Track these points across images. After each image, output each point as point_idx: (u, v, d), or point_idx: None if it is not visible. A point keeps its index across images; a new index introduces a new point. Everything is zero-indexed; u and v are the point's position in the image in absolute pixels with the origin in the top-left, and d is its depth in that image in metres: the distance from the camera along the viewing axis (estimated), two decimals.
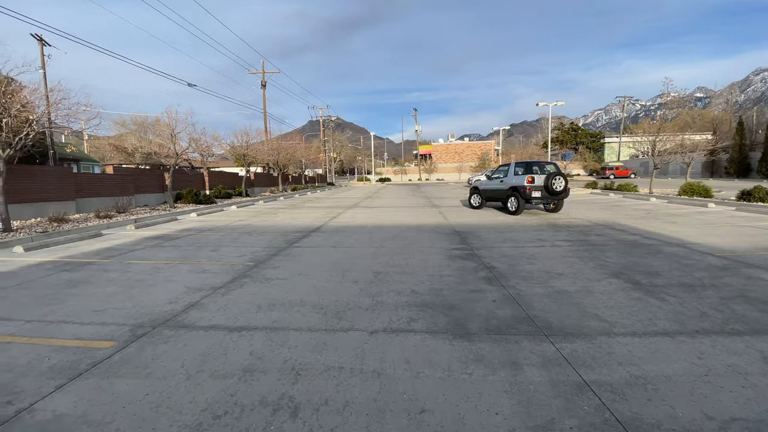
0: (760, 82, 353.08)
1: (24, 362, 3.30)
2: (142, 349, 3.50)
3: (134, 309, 4.54)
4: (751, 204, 12.76)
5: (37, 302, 4.84)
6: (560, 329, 3.75)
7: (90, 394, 2.81)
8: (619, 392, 2.69)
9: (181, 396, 2.76)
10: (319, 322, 4.07)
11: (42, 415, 2.57)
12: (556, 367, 3.05)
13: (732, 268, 5.72)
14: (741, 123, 38.31)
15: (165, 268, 6.46)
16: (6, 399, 2.75)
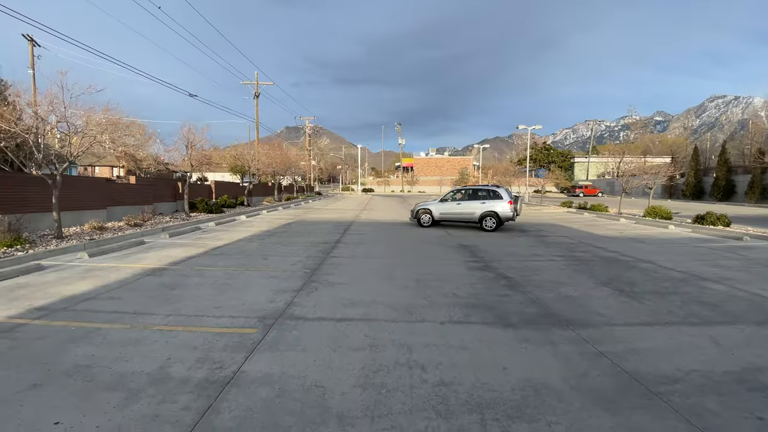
0: (714, 109, 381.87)
1: (200, 343, 4.50)
2: (281, 334, 4.76)
3: (245, 306, 5.76)
4: (703, 227, 15.06)
5: (155, 301, 5.95)
6: (575, 322, 5.30)
7: (274, 361, 4.07)
8: (622, 357, 4.23)
9: (340, 360, 4.09)
10: (397, 315, 5.44)
11: (253, 374, 3.82)
12: (579, 344, 4.57)
13: (689, 280, 7.52)
14: (696, 150, 42.45)
15: (237, 275, 7.64)
16: (215, 366, 3.98)
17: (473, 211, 14.95)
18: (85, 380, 3.61)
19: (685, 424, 3.07)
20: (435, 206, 15.68)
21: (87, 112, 9.42)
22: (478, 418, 3.11)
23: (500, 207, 14.64)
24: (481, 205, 14.88)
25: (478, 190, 15.57)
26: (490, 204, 14.78)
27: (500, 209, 14.61)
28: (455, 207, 15.38)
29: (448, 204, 15.56)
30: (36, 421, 2.99)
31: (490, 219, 14.68)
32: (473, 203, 15.07)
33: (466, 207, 15.13)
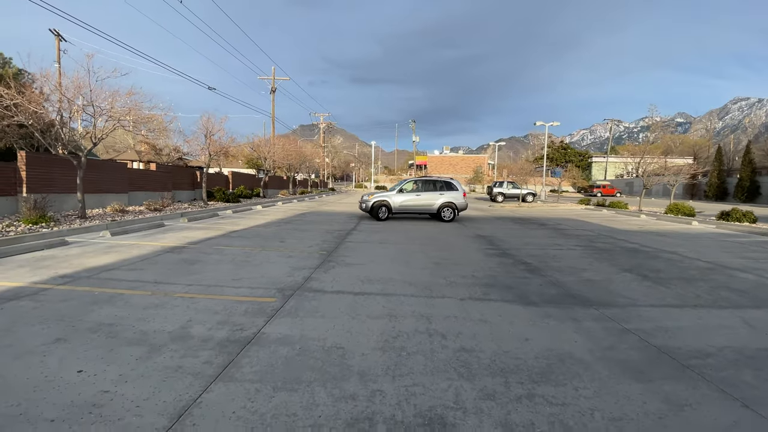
0: (737, 111, 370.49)
1: (221, 309, 4.52)
2: (300, 303, 4.76)
3: (264, 279, 5.78)
4: (729, 223, 14.57)
5: (176, 273, 6.02)
6: (598, 302, 5.16)
7: (293, 325, 4.07)
8: (649, 334, 4.09)
9: (359, 326, 4.05)
10: (416, 291, 5.39)
11: (274, 335, 3.81)
12: (603, 321, 4.45)
13: (716, 269, 7.27)
14: (719, 150, 41.15)
15: (255, 254, 7.68)
16: (236, 328, 3.98)
17: (432, 202, 14.86)
18: (108, 336, 3.66)
19: (719, 393, 2.95)
20: (393, 198, 14.82)
21: (112, 94, 9.62)
22: (502, 381, 3.04)
23: (457, 198, 14.88)
24: (439, 195, 14.87)
25: (435, 181, 15.56)
26: (448, 195, 14.87)
27: (457, 200, 14.87)
28: (414, 198, 14.96)
29: (407, 195, 15.01)
30: (60, 369, 3.03)
31: (448, 210, 14.76)
32: (432, 194, 14.98)
33: (426, 198, 14.94)
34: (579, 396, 2.86)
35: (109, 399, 2.65)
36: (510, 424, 2.50)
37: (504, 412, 2.63)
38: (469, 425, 2.49)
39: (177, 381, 2.91)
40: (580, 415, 2.63)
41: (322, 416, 2.53)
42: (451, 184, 15.25)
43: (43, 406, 2.56)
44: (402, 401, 2.74)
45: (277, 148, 26.08)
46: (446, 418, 2.55)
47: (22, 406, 2.55)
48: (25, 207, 8.87)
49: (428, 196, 14.97)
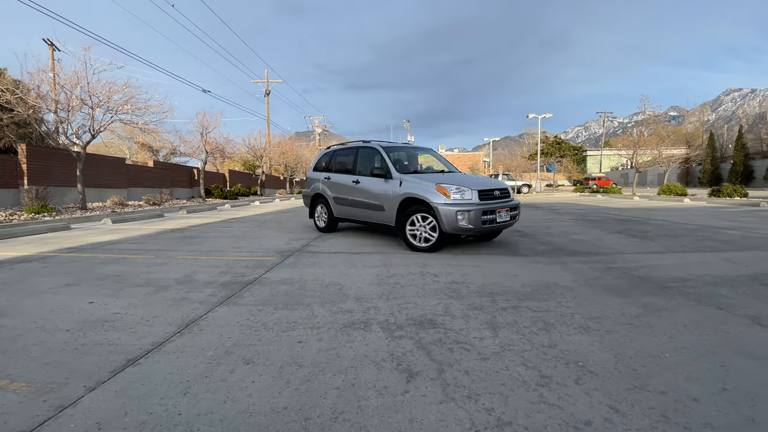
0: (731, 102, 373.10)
1: (222, 264, 4.70)
2: (299, 259, 4.94)
3: (263, 247, 5.95)
4: (720, 198, 14.83)
5: (178, 244, 6.19)
6: (586, 252, 5.35)
7: (293, 273, 4.24)
8: (633, 269, 4.28)
9: (356, 272, 4.23)
10: (410, 251, 5.56)
11: (274, 279, 3.99)
12: (590, 264, 4.63)
13: (704, 229, 7.47)
14: (712, 136, 41.57)
15: (254, 231, 7.86)
16: (238, 276, 4.16)
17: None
18: (116, 282, 3.83)
19: (695, 302, 3.13)
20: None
21: (108, 83, 9.82)
22: (489, 300, 3.22)
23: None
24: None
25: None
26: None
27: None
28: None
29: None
30: (71, 301, 3.20)
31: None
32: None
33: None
34: (561, 306, 3.05)
35: (120, 317, 2.82)
36: (494, 323, 2.68)
37: (489, 317, 2.81)
38: (457, 324, 2.67)
39: (184, 306, 3.09)
40: (561, 316, 2.81)
41: (321, 323, 2.71)
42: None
43: (58, 322, 2.74)
44: (395, 312, 2.92)
45: (274, 148, 26.30)
46: (435, 321, 2.73)
47: (37, 323, 2.72)
48: (27, 197, 9.04)
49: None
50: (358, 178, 6.59)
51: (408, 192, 5.60)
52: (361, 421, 1.59)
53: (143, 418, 1.62)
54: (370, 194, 6.28)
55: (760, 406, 1.68)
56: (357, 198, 6.55)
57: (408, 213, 5.55)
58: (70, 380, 1.94)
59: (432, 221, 5.36)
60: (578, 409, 1.67)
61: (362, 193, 6.44)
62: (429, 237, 5.39)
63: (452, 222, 5.11)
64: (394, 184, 5.88)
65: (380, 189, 6.09)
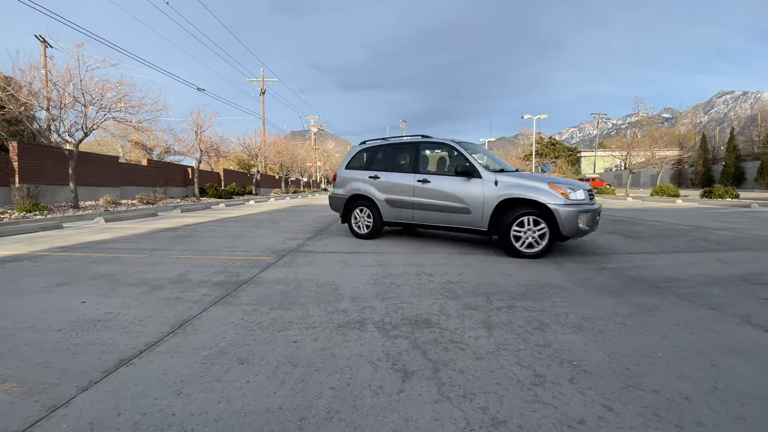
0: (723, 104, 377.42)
1: (217, 264, 4.67)
2: (294, 259, 4.92)
3: (258, 247, 5.93)
4: (711, 199, 15.00)
5: (172, 243, 6.14)
6: (580, 252, 5.39)
7: (288, 272, 4.23)
8: (626, 269, 4.32)
9: (351, 271, 4.23)
10: (406, 251, 5.57)
11: (269, 278, 3.98)
12: (583, 263, 4.67)
13: (697, 230, 7.56)
14: (704, 138, 42.08)
15: (250, 231, 7.83)
16: (232, 275, 4.14)
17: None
18: (108, 281, 3.79)
19: (687, 301, 3.16)
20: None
21: (102, 80, 9.73)
22: (484, 299, 3.24)
23: None
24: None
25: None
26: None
27: None
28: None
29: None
30: (63, 301, 3.17)
31: None
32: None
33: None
34: (555, 305, 3.07)
35: (113, 317, 2.80)
36: (489, 323, 2.70)
37: (484, 316, 2.82)
38: (452, 323, 2.68)
39: (178, 305, 3.07)
40: (555, 316, 2.83)
41: (316, 322, 2.71)
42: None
43: (49, 322, 2.71)
44: (390, 312, 2.92)
45: (269, 147, 26.21)
46: (431, 320, 2.74)
47: (28, 323, 2.69)
48: (18, 196, 8.93)
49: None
50: (426, 177, 5.96)
51: (510, 193, 5.12)
52: (357, 421, 1.59)
53: (136, 419, 1.61)
54: (447, 195, 5.69)
55: (750, 405, 1.70)
56: (425, 200, 5.91)
57: (510, 215, 5.05)
58: (62, 380, 1.92)
59: (543, 224, 4.92)
60: (572, 407, 1.68)
61: (435, 194, 5.82)
62: (536, 242, 4.97)
63: (573, 224, 4.78)
64: (486, 184, 5.36)
65: (463, 189, 5.54)
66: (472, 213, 5.45)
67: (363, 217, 6.64)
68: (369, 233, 6.56)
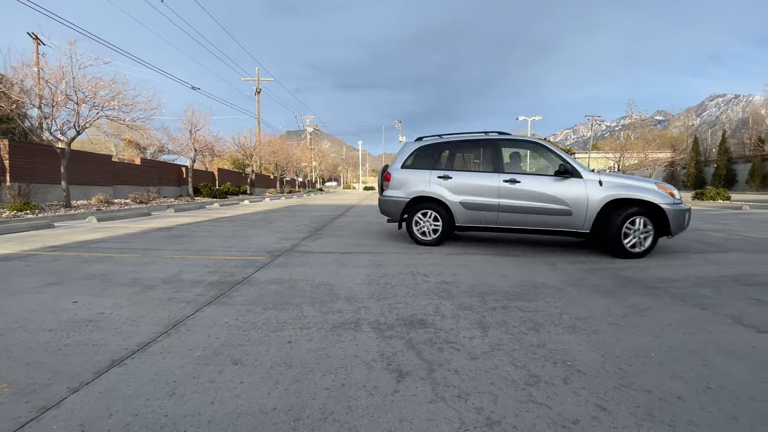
0: (714, 107, 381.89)
1: (211, 264, 4.64)
2: (288, 259, 4.90)
3: (253, 247, 5.90)
4: (703, 201, 15.16)
5: (165, 243, 6.10)
6: (574, 253, 5.42)
7: (283, 272, 4.21)
8: (619, 270, 4.35)
9: (347, 271, 4.22)
10: (402, 251, 5.57)
11: (264, 278, 3.95)
12: (577, 264, 4.69)
13: (689, 231, 7.63)
14: (696, 141, 42.55)
15: (244, 231, 7.79)
16: (226, 275, 4.11)
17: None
18: (100, 281, 3.75)
19: (680, 302, 3.19)
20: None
21: (95, 78, 9.63)
22: (479, 300, 3.24)
23: None
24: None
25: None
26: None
27: None
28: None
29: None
30: (54, 301, 3.13)
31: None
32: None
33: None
34: (549, 306, 3.08)
35: (105, 317, 2.77)
36: (484, 323, 2.70)
37: (479, 317, 2.83)
38: (447, 323, 2.68)
39: (171, 305, 3.04)
40: (549, 316, 2.84)
41: (311, 323, 2.70)
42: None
43: (40, 322, 2.67)
44: (385, 312, 2.92)
45: (264, 147, 26.11)
46: (426, 321, 2.74)
47: (19, 323, 2.66)
48: (9, 194, 8.82)
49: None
50: (514, 177, 5.57)
51: (618, 193, 5.08)
52: (351, 422, 1.59)
53: (128, 420, 1.59)
54: (543, 197, 5.38)
55: (742, 405, 1.71)
56: (514, 201, 5.51)
57: (618, 216, 4.99)
58: (53, 381, 1.89)
59: (649, 225, 4.97)
60: (566, 407, 1.69)
61: (527, 195, 5.47)
62: (641, 242, 5.00)
63: (680, 223, 4.90)
64: (589, 185, 5.21)
65: (562, 190, 5.31)
66: (573, 215, 5.25)
67: (428, 221, 5.99)
68: (436, 239, 5.94)
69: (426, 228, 6.00)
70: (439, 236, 5.92)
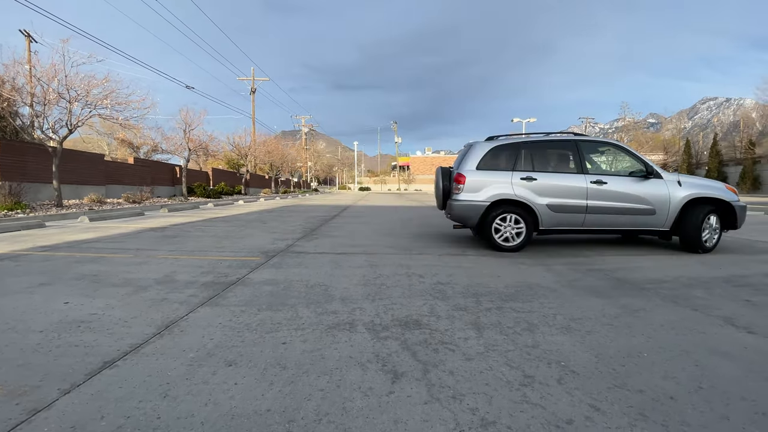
0: (706, 110, 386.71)
1: (205, 264, 4.61)
2: (283, 260, 4.89)
3: (247, 247, 5.87)
4: None
5: (158, 243, 6.05)
6: (568, 254, 5.45)
7: (277, 273, 4.19)
8: (612, 271, 4.38)
9: (342, 272, 4.21)
10: (397, 251, 5.57)
11: (258, 279, 3.94)
12: (571, 265, 4.72)
13: None
14: (688, 143, 43.06)
15: (239, 231, 7.75)
16: (220, 276, 4.09)
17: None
18: (92, 282, 3.71)
19: (671, 303, 3.22)
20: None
21: (87, 77, 9.53)
22: (474, 300, 3.25)
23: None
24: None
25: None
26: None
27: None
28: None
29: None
30: (46, 302, 3.09)
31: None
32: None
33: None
34: (544, 307, 3.10)
35: (97, 318, 2.74)
36: (479, 324, 2.71)
37: (474, 317, 2.84)
38: (442, 324, 2.69)
39: (164, 306, 3.01)
40: (543, 317, 2.86)
41: (305, 324, 2.69)
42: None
43: (31, 323, 2.64)
44: (380, 313, 2.92)
45: (259, 147, 26.00)
46: (421, 321, 2.74)
47: (9, 324, 2.62)
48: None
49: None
50: (600, 178, 5.57)
51: (698, 192, 5.48)
52: (346, 423, 1.58)
53: (120, 422, 1.57)
54: (628, 197, 5.50)
55: (734, 405, 1.73)
56: (602, 203, 5.52)
57: (697, 214, 5.40)
58: (43, 383, 1.87)
59: (718, 221, 5.50)
60: (560, 408, 1.70)
61: (614, 196, 5.52)
62: (712, 237, 5.51)
63: (743, 218, 5.57)
64: (670, 185, 5.50)
65: (646, 190, 5.49)
66: (657, 214, 5.48)
67: (510, 225, 5.64)
68: (519, 244, 5.61)
69: (508, 233, 5.66)
70: (523, 241, 5.64)
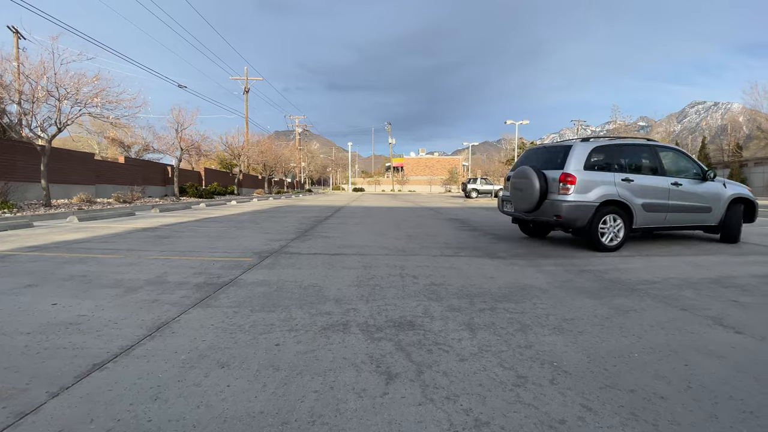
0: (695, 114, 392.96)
1: (197, 265, 4.57)
2: (276, 261, 4.86)
3: (240, 248, 5.83)
4: None
5: (150, 244, 5.98)
6: (561, 255, 5.49)
7: (270, 274, 4.17)
8: (604, 272, 4.42)
9: (335, 273, 4.20)
10: (390, 253, 5.57)
11: (251, 280, 3.91)
12: (563, 266, 4.76)
13: (670, 235, 7.81)
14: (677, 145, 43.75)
15: (232, 231, 7.69)
16: (213, 277, 4.05)
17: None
18: (82, 283, 3.66)
19: (662, 303, 3.26)
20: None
21: (77, 74, 9.40)
22: (467, 301, 3.26)
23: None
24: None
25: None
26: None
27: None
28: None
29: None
30: (33, 303, 3.04)
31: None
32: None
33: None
34: (536, 307, 3.12)
35: (86, 320, 2.70)
36: (472, 324, 2.72)
37: (468, 318, 2.84)
38: (436, 325, 2.69)
39: (155, 308, 2.98)
40: (536, 317, 2.87)
41: (299, 325, 2.67)
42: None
43: (18, 325, 2.59)
44: (374, 314, 2.91)
45: (252, 147, 25.85)
46: (415, 322, 2.74)
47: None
48: None
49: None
50: (677, 179, 6.11)
51: (738, 192, 6.59)
52: (340, 424, 1.58)
53: (110, 425, 1.55)
54: (695, 196, 6.22)
55: (722, 404, 1.75)
56: (679, 202, 6.06)
57: (736, 210, 6.51)
58: (31, 386, 1.83)
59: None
60: (553, 408, 1.71)
61: (686, 196, 6.15)
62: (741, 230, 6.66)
63: (757, 213, 6.83)
64: (718, 186, 6.47)
65: (706, 191, 6.33)
66: (712, 212, 6.36)
67: (613, 225, 5.74)
68: (619, 244, 5.76)
69: (611, 233, 5.75)
70: (623, 240, 5.77)
